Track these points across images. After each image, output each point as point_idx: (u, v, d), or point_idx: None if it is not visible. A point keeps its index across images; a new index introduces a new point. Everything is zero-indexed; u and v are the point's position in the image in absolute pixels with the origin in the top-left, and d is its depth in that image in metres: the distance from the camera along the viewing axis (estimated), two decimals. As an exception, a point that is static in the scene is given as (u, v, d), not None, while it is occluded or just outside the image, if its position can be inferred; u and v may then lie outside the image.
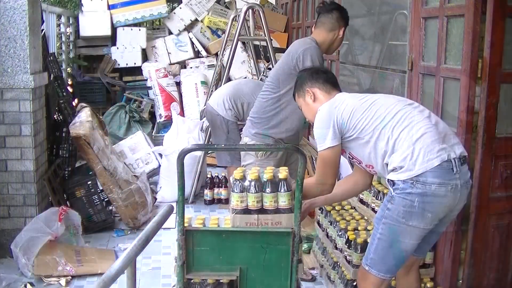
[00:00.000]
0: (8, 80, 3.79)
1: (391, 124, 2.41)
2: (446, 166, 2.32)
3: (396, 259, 2.44)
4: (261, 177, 2.29)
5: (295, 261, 2.27)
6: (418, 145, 2.34)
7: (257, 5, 5.52)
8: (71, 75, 6.95)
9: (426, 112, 2.49)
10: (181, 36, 7.22)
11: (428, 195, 2.30)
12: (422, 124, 2.39)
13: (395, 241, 2.39)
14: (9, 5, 3.78)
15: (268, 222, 2.26)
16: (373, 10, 4.34)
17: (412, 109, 2.46)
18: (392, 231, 2.39)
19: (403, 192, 2.33)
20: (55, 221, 3.71)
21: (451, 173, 2.32)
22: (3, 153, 3.86)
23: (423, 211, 2.32)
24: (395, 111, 2.44)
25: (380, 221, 2.43)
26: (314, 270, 3.70)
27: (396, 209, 2.36)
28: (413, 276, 2.67)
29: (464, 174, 2.37)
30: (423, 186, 2.30)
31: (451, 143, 2.39)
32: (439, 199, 2.32)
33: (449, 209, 2.39)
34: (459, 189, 2.34)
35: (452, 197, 2.34)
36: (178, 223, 2.22)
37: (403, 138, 2.37)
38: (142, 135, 5.70)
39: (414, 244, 2.41)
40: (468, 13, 2.85)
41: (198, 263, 2.28)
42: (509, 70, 2.88)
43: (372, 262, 2.45)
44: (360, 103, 2.51)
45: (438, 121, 2.48)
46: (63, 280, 3.49)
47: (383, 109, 2.46)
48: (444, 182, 2.31)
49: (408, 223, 2.34)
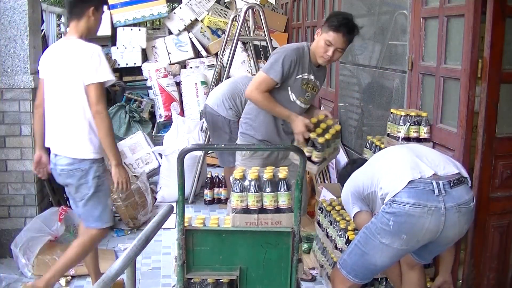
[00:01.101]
0: (8, 80, 3.79)
1: (378, 169, 2.61)
2: (423, 186, 2.36)
3: (365, 269, 2.52)
4: (261, 177, 2.29)
5: (295, 261, 2.27)
6: (394, 168, 2.49)
7: (257, 5, 5.53)
8: (71, 75, 6.94)
9: (423, 148, 2.68)
10: (181, 36, 7.22)
11: (402, 215, 2.34)
12: (405, 153, 2.56)
13: (367, 252, 2.48)
14: (9, 5, 3.78)
15: (268, 222, 2.26)
16: (373, 10, 4.33)
17: (406, 151, 2.63)
18: (367, 243, 2.48)
19: (383, 211, 2.44)
20: (55, 221, 3.72)
21: (429, 194, 2.33)
22: (3, 153, 3.86)
23: (397, 231, 2.37)
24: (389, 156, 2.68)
25: (362, 229, 2.54)
26: (314, 270, 3.70)
27: (375, 224, 2.46)
28: (416, 272, 2.71)
29: (454, 197, 2.37)
30: (398, 206, 2.36)
31: (434, 164, 2.46)
32: (414, 220, 2.33)
33: (432, 233, 2.38)
34: (442, 212, 2.33)
35: (432, 220, 2.33)
36: (178, 223, 2.22)
37: (385, 169, 2.55)
38: (142, 135, 5.70)
39: (386, 262, 2.48)
40: (468, 13, 2.85)
41: (198, 263, 2.28)
42: (509, 70, 2.88)
43: (344, 263, 2.56)
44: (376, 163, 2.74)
45: (428, 151, 2.63)
46: (63, 280, 3.49)
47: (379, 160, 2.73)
48: (419, 202, 2.33)
49: (381, 240, 2.42)
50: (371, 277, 2.59)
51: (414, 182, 2.37)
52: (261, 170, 2.35)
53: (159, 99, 6.71)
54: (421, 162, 2.47)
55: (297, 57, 3.22)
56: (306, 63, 3.26)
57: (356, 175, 2.75)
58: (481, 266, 3.02)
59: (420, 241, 2.42)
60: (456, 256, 3.07)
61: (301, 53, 3.24)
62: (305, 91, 3.32)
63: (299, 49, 3.25)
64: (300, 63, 3.23)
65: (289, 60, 3.19)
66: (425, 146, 2.81)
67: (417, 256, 2.64)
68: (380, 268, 2.56)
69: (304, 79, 3.28)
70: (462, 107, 2.93)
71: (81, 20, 3.02)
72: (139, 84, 7.16)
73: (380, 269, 2.58)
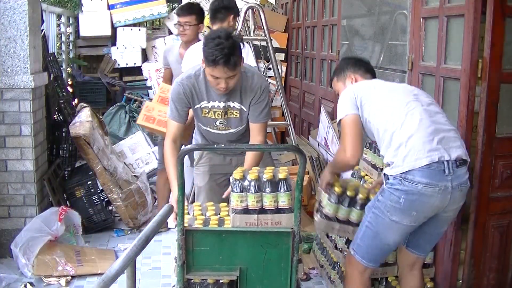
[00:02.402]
0: (8, 80, 3.79)
1: (393, 119, 2.48)
2: (437, 167, 2.35)
3: (379, 250, 2.52)
4: (261, 177, 2.29)
5: (295, 261, 2.27)
6: (410, 143, 2.39)
7: (257, 5, 5.52)
8: (71, 75, 6.95)
9: (432, 111, 2.51)
10: (181, 36, 7.21)
11: (414, 194, 2.35)
12: (420, 124, 2.42)
13: (380, 232, 2.47)
14: (9, 5, 3.77)
15: (268, 222, 2.26)
16: (373, 10, 4.33)
17: (416, 105, 2.50)
18: (378, 222, 2.46)
19: (392, 187, 2.41)
20: (55, 221, 3.71)
21: (441, 175, 2.35)
22: (3, 153, 3.85)
23: (408, 208, 2.37)
24: (401, 104, 2.51)
25: (370, 210, 2.52)
26: (314, 270, 3.70)
27: (384, 202, 2.43)
28: (416, 275, 2.69)
29: (458, 177, 2.39)
30: (410, 184, 2.35)
31: (448, 146, 2.40)
32: (425, 199, 2.35)
33: (438, 209, 2.42)
34: (449, 191, 2.36)
35: (440, 198, 2.36)
36: (178, 223, 2.22)
37: (398, 134, 2.43)
38: (142, 135, 5.70)
39: (397, 239, 2.48)
40: (468, 13, 2.85)
41: (198, 263, 2.28)
42: (509, 70, 2.88)
43: (358, 248, 2.55)
44: (380, 91, 2.64)
45: (440, 122, 2.49)
46: (63, 280, 3.49)
47: (394, 101, 2.56)
48: (432, 182, 2.34)
49: (391, 218, 2.41)
50: (383, 260, 2.59)
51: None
52: (261, 170, 2.35)
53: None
54: (442, 143, 2.39)
55: (186, 88, 2.88)
56: (202, 91, 2.88)
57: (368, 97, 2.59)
58: (481, 266, 3.03)
59: (426, 216, 2.43)
60: (456, 256, 3.08)
61: (193, 81, 2.87)
62: (212, 119, 2.95)
63: (189, 77, 2.89)
64: (193, 93, 2.88)
65: (177, 97, 2.89)
66: (436, 107, 2.62)
67: (417, 248, 2.63)
68: (393, 246, 2.53)
69: (204, 108, 2.92)
70: (462, 107, 2.93)
71: (223, 25, 3.39)
72: (139, 84, 7.16)
73: (393, 247, 2.55)
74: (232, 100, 2.91)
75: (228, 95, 2.87)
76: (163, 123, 3.78)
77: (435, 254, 3.21)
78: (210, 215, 2.40)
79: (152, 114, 3.94)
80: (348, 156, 2.54)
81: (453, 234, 3.04)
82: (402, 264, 2.75)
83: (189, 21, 4.09)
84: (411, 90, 2.67)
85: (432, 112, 2.50)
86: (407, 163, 2.36)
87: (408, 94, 2.58)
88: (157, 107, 3.96)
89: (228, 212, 2.41)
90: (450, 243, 3.06)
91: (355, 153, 2.53)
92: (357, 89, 2.64)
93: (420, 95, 2.60)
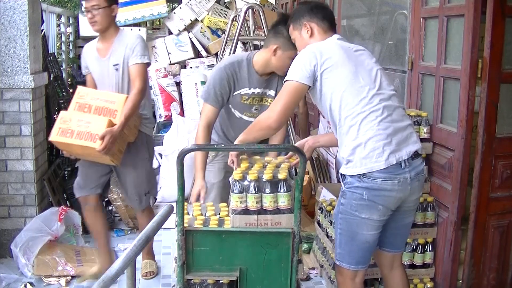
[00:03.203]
0: (8, 80, 3.79)
1: (356, 110, 2.37)
2: (394, 164, 2.36)
3: (362, 250, 2.49)
4: (261, 178, 2.29)
5: (295, 261, 2.27)
6: (369, 146, 2.35)
7: (257, 5, 5.52)
8: (71, 75, 6.95)
9: (392, 106, 2.42)
10: (181, 36, 7.22)
11: (375, 189, 2.35)
12: (380, 124, 2.36)
13: (354, 233, 2.45)
14: (9, 5, 3.78)
15: (268, 223, 2.26)
16: (373, 10, 4.33)
17: (379, 101, 2.39)
18: (349, 224, 2.44)
19: (352, 186, 2.40)
20: (55, 221, 3.72)
21: (398, 168, 2.36)
22: (3, 153, 3.86)
23: (373, 203, 2.37)
24: (365, 97, 2.38)
25: (338, 217, 2.50)
26: (314, 270, 3.70)
27: (348, 203, 2.42)
28: (397, 273, 2.67)
29: (415, 168, 2.41)
30: (369, 180, 2.35)
31: (406, 144, 2.40)
32: (387, 192, 2.36)
33: (400, 201, 2.43)
34: (408, 182, 2.39)
35: (401, 189, 2.38)
36: (178, 223, 2.22)
37: (357, 130, 2.37)
38: (142, 135, 5.68)
39: (373, 234, 2.46)
40: (468, 13, 2.85)
41: (198, 263, 2.28)
42: (509, 70, 2.88)
43: (341, 257, 2.52)
44: (344, 64, 2.43)
45: (398, 119, 2.42)
46: (63, 280, 3.49)
47: (359, 90, 2.40)
48: (390, 176, 2.35)
49: (361, 216, 2.40)
50: (370, 257, 2.55)
51: None
52: (261, 171, 2.35)
53: (159, 99, 6.70)
54: (398, 145, 2.37)
55: (229, 73, 2.99)
56: (244, 78, 3.01)
57: (331, 73, 2.40)
58: (481, 266, 3.03)
59: (392, 209, 2.44)
60: (456, 256, 3.08)
61: (236, 68, 3.00)
62: (249, 106, 3.09)
63: (233, 63, 3.01)
64: (235, 79, 3.00)
65: (220, 81, 2.99)
66: (395, 97, 2.48)
67: (389, 246, 2.61)
68: (373, 243, 2.49)
69: (244, 94, 3.04)
70: (462, 107, 2.93)
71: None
72: (139, 84, 7.15)
73: (374, 244, 2.50)
74: (269, 88, 3.07)
75: (267, 82, 3.05)
76: (86, 135, 3.05)
77: (435, 254, 3.21)
78: (210, 215, 2.40)
79: (70, 126, 3.07)
80: (274, 120, 2.40)
81: (453, 234, 3.04)
82: (381, 267, 2.72)
83: (97, 4, 3.23)
84: (374, 75, 2.46)
85: (391, 108, 2.42)
86: (365, 165, 2.34)
87: (372, 82, 2.43)
88: (75, 116, 3.11)
89: (227, 212, 2.41)
90: (450, 243, 3.06)
91: (282, 119, 2.42)
92: (321, 59, 2.42)
93: (383, 83, 2.46)
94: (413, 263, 3.21)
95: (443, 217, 3.15)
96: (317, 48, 2.47)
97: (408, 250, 3.20)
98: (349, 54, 2.49)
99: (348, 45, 2.57)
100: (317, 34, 2.61)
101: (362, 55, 2.53)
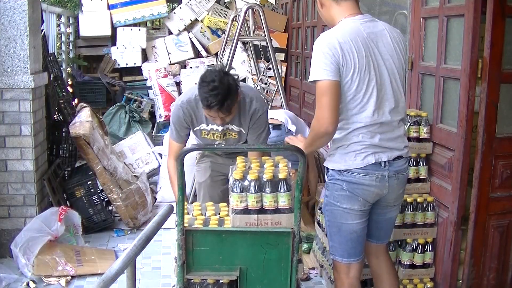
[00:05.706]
0: (8, 80, 3.79)
1: (350, 119, 2.40)
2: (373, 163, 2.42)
3: (350, 241, 2.52)
4: (261, 177, 2.29)
5: (295, 261, 2.27)
6: (352, 147, 2.41)
7: (257, 5, 5.53)
8: (71, 75, 6.95)
9: (389, 122, 2.43)
10: (181, 36, 7.23)
11: (354, 182, 2.42)
12: (367, 134, 2.39)
13: (340, 224, 2.50)
14: (9, 5, 3.78)
15: (268, 222, 2.26)
16: (373, 10, 4.33)
17: (378, 117, 2.40)
18: (334, 215, 2.51)
19: (333, 178, 2.48)
20: (55, 221, 3.72)
21: (378, 167, 2.42)
22: (3, 153, 3.86)
23: (352, 194, 2.43)
24: (365, 111, 2.39)
25: (325, 209, 2.57)
26: (314, 270, 3.70)
27: (331, 194, 2.50)
28: (382, 261, 2.72)
29: (396, 167, 2.46)
30: (349, 174, 2.43)
31: (389, 150, 2.44)
32: (365, 187, 2.43)
33: (378, 196, 2.48)
34: (386, 179, 2.44)
35: (378, 186, 2.44)
36: (178, 223, 2.22)
37: (344, 135, 2.42)
38: (142, 135, 5.70)
39: (359, 223, 2.50)
40: (468, 13, 2.85)
41: (198, 263, 2.28)
42: (509, 70, 2.88)
43: (333, 249, 2.58)
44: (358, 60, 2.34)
45: (388, 129, 2.44)
46: (63, 280, 3.49)
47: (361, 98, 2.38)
48: (368, 172, 2.41)
49: (342, 206, 2.46)
50: (361, 249, 2.56)
51: None
52: (261, 170, 2.35)
53: (159, 99, 6.71)
54: (380, 146, 2.40)
55: (186, 112, 2.97)
56: (202, 114, 2.95)
57: (349, 68, 2.31)
58: (481, 266, 3.03)
59: (371, 202, 2.49)
60: (456, 256, 3.08)
61: (192, 104, 2.95)
62: (211, 140, 3.08)
63: (189, 100, 2.96)
64: (192, 116, 2.98)
65: (177, 120, 3.00)
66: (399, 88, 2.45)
67: (371, 237, 2.64)
68: (360, 232, 2.50)
69: (203, 130, 3.04)
70: (462, 107, 2.93)
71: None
72: (139, 84, 7.16)
73: (362, 233, 2.51)
74: (231, 123, 3.02)
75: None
76: None
77: (435, 254, 3.21)
78: (210, 215, 2.40)
79: None
80: (328, 124, 2.31)
81: (453, 234, 3.04)
82: (367, 255, 2.74)
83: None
84: (389, 67, 2.41)
85: (387, 123, 2.42)
86: (345, 162, 2.42)
87: (382, 96, 2.40)
88: None
89: (228, 212, 2.41)
90: (450, 243, 3.06)
91: (334, 119, 2.32)
92: (341, 51, 2.30)
93: (397, 96, 2.44)
94: (413, 263, 3.21)
95: (443, 217, 3.15)
96: (336, 41, 2.32)
97: (408, 250, 3.20)
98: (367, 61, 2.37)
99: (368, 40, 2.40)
100: (328, 5, 2.45)
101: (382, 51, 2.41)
